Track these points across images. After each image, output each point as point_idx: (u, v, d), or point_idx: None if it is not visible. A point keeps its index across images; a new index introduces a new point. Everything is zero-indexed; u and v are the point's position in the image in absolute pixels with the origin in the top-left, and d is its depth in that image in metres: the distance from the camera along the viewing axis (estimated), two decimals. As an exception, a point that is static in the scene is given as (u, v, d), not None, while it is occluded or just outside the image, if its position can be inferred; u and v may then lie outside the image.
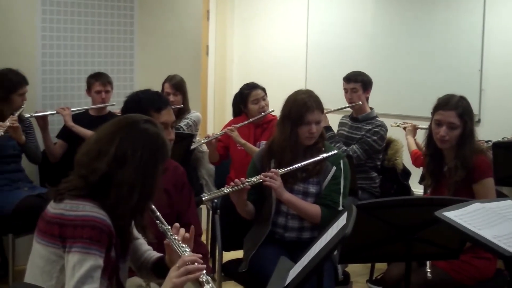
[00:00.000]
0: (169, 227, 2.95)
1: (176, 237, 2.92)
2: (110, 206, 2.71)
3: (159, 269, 3.03)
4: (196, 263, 2.70)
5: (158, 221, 2.98)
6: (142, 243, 3.17)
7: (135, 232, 3.08)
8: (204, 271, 2.73)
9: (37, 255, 2.74)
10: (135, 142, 2.76)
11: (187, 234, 2.96)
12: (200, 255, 2.78)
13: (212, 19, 9.82)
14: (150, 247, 3.20)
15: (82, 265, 2.60)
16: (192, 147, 6.03)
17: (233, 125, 6.07)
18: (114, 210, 2.71)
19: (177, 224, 3.00)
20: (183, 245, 2.87)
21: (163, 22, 7.32)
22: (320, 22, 8.99)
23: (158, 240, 3.09)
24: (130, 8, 6.98)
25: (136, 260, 3.14)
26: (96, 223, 2.64)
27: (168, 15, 7.36)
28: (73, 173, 2.80)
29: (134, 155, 2.73)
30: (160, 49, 7.26)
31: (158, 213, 3.01)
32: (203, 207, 6.40)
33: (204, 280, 2.72)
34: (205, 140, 6.02)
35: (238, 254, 4.50)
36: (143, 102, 3.75)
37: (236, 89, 6.68)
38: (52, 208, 2.73)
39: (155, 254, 3.15)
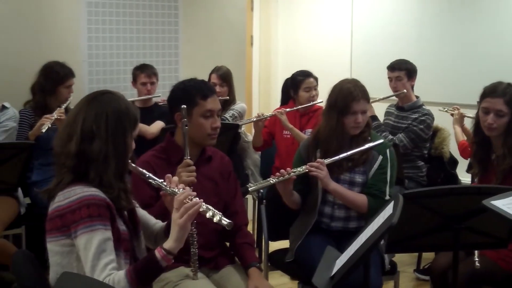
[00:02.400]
0: (162, 180, 3.04)
1: (169, 185, 3.01)
2: (95, 182, 2.79)
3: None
4: (190, 198, 2.80)
5: (151, 180, 3.06)
6: (150, 218, 3.25)
7: (140, 211, 3.17)
8: (203, 203, 2.83)
9: (52, 255, 2.82)
10: (97, 115, 2.84)
11: (175, 178, 3.06)
12: (192, 192, 2.87)
13: (256, 10, 9.81)
14: (158, 220, 3.27)
15: (91, 242, 2.69)
16: (241, 123, 6.05)
17: (283, 109, 6.07)
18: (100, 184, 2.80)
19: (169, 175, 3.08)
20: (176, 189, 2.95)
21: (208, 13, 7.34)
22: (365, 11, 8.94)
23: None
24: (175, -1, 7.03)
25: (150, 235, 3.21)
26: (89, 200, 2.73)
27: (212, 6, 7.38)
28: (55, 168, 2.89)
29: (99, 128, 2.82)
30: (205, 40, 7.28)
31: (149, 173, 3.09)
32: (249, 197, 6.43)
33: (204, 209, 2.84)
34: (255, 119, 6.01)
35: (284, 244, 4.50)
36: (188, 89, 3.78)
37: (281, 80, 6.68)
38: (50, 207, 2.82)
39: (164, 223, 3.22)
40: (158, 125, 5.87)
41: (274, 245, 4.61)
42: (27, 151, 4.58)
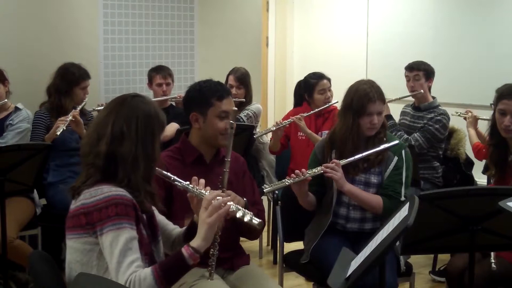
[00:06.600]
0: (188, 182, 3.11)
1: (197, 187, 3.08)
2: (123, 183, 2.82)
3: (191, 235, 3.03)
4: (218, 197, 2.85)
5: (177, 182, 3.13)
6: (168, 223, 3.27)
7: (159, 215, 3.18)
8: (232, 202, 2.89)
9: (72, 252, 2.82)
10: (128, 117, 2.88)
11: (202, 180, 3.12)
12: (220, 191, 2.98)
13: (272, 11, 9.82)
14: (176, 226, 3.29)
15: (118, 240, 2.70)
16: (259, 135, 6.04)
17: (300, 114, 6.05)
18: (128, 185, 2.83)
19: (195, 177, 3.13)
20: (203, 190, 3.04)
21: (223, 14, 7.35)
22: (381, 11, 8.93)
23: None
24: (191, 0, 7.03)
25: (168, 240, 3.22)
26: (117, 199, 2.75)
27: (228, 7, 7.39)
28: (82, 167, 2.91)
29: (129, 129, 2.86)
30: (221, 41, 7.30)
31: (174, 176, 3.16)
32: (264, 198, 6.40)
33: (234, 209, 2.88)
34: (274, 128, 6.00)
35: (299, 245, 4.50)
36: (204, 90, 3.79)
37: (296, 80, 6.67)
38: (73, 204, 2.84)
39: (184, 228, 3.24)
40: (172, 127, 5.85)
41: (290, 246, 4.60)
42: (44, 152, 4.59)
